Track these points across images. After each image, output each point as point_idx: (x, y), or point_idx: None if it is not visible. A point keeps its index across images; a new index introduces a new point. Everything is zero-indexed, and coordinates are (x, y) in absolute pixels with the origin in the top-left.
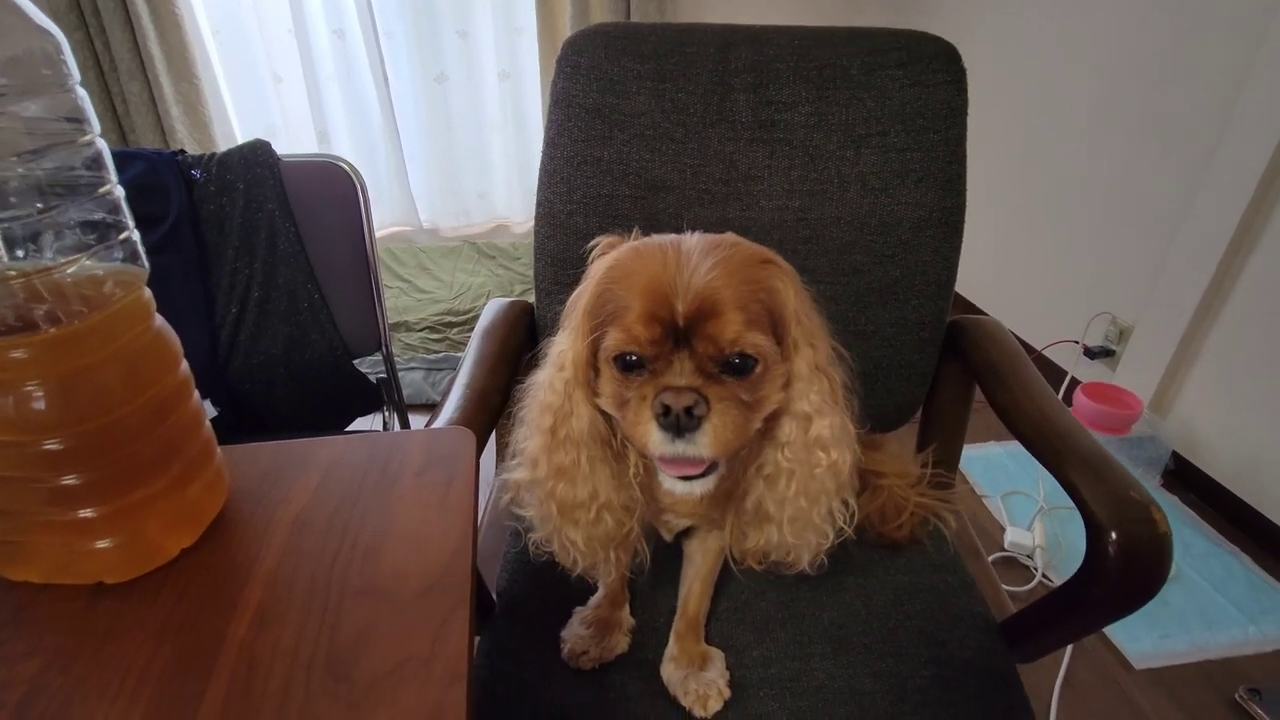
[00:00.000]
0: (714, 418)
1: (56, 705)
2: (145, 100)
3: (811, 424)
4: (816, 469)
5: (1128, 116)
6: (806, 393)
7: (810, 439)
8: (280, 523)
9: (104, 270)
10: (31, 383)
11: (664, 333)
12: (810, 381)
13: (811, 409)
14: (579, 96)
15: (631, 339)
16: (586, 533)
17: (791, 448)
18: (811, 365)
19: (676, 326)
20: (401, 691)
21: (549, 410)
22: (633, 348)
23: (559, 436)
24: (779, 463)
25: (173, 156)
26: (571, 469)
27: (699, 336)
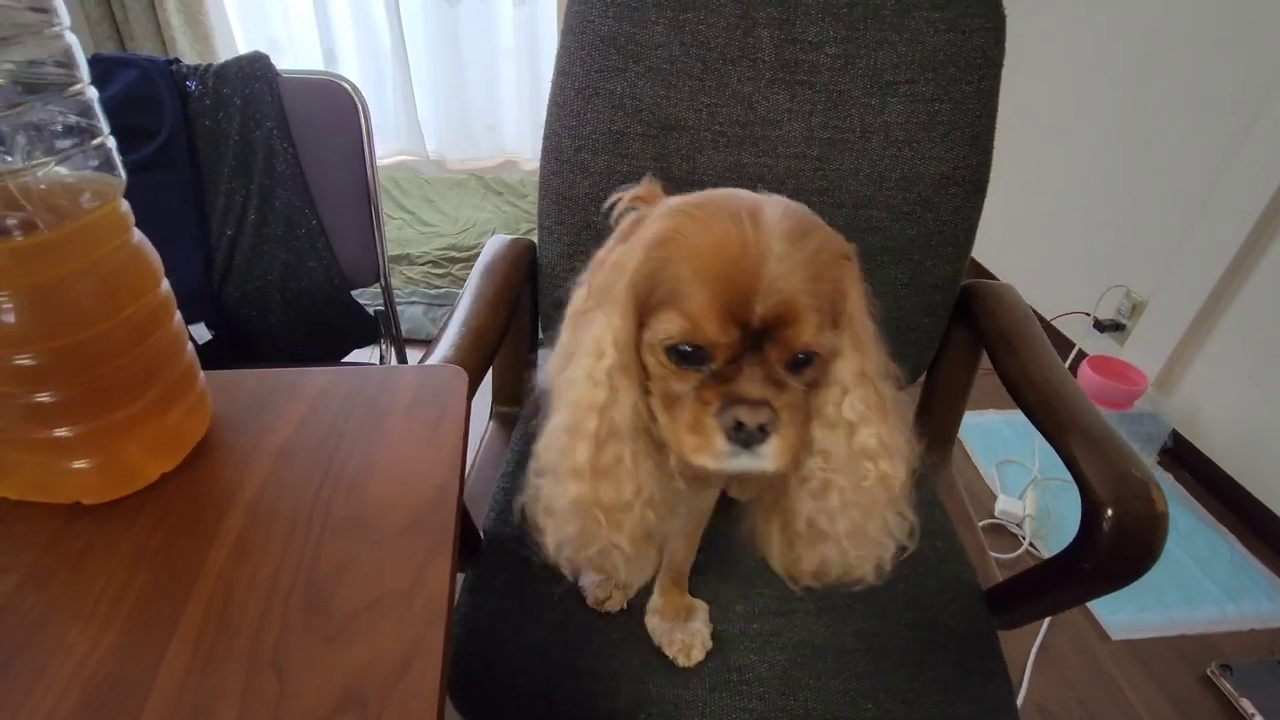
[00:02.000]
0: (782, 429)
1: (31, 623)
2: (145, 6)
3: (856, 433)
4: (864, 481)
5: (1164, 85)
6: (849, 398)
7: (855, 449)
8: (264, 452)
9: (78, 179)
10: (1, 294)
11: (740, 334)
12: (855, 387)
13: (856, 417)
14: (594, 22)
15: (699, 335)
16: (631, 535)
17: (831, 458)
18: (858, 371)
19: (750, 327)
20: (379, 627)
21: (593, 410)
22: (699, 341)
23: (601, 436)
24: (818, 474)
25: (167, 65)
26: (615, 467)
27: (774, 341)
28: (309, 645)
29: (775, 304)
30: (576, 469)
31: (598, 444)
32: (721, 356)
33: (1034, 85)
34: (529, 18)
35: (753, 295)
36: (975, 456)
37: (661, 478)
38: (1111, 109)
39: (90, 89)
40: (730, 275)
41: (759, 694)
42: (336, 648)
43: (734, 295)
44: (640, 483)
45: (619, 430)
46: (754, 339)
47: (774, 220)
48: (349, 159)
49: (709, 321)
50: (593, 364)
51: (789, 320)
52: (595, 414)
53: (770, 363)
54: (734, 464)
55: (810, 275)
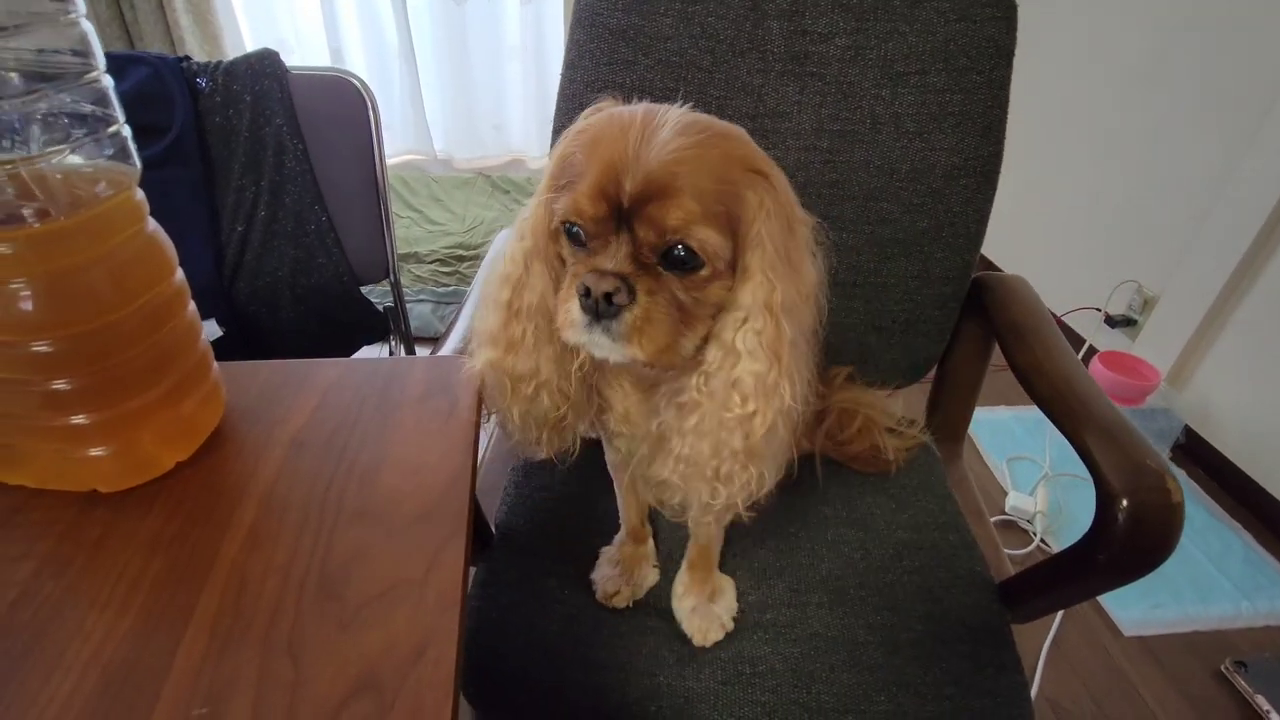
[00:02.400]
0: (636, 309)
1: (49, 609)
2: (154, 6)
3: (739, 363)
4: (727, 413)
5: (1177, 77)
6: (745, 328)
7: (731, 378)
8: (277, 442)
9: (94, 168)
10: (17, 280)
11: (609, 210)
12: (753, 317)
13: (744, 348)
14: (603, 15)
15: (576, 210)
16: (523, 409)
17: (710, 380)
18: (761, 301)
19: (621, 205)
20: (393, 614)
21: (508, 282)
22: (575, 220)
23: (514, 309)
24: (692, 392)
25: (178, 62)
26: (518, 342)
27: (640, 219)
28: (324, 632)
29: (643, 180)
30: (490, 335)
31: (509, 314)
32: (592, 232)
33: (1045, 77)
34: (535, 16)
35: (624, 172)
36: (986, 452)
37: (560, 369)
38: (1123, 101)
39: (106, 77)
40: (609, 157)
41: (771, 686)
42: (351, 634)
43: (609, 171)
44: (538, 364)
45: (527, 308)
46: (626, 219)
47: (672, 116)
48: (358, 155)
49: (584, 197)
50: (515, 244)
51: (657, 196)
52: (509, 286)
53: (640, 245)
54: (587, 339)
55: (693, 160)
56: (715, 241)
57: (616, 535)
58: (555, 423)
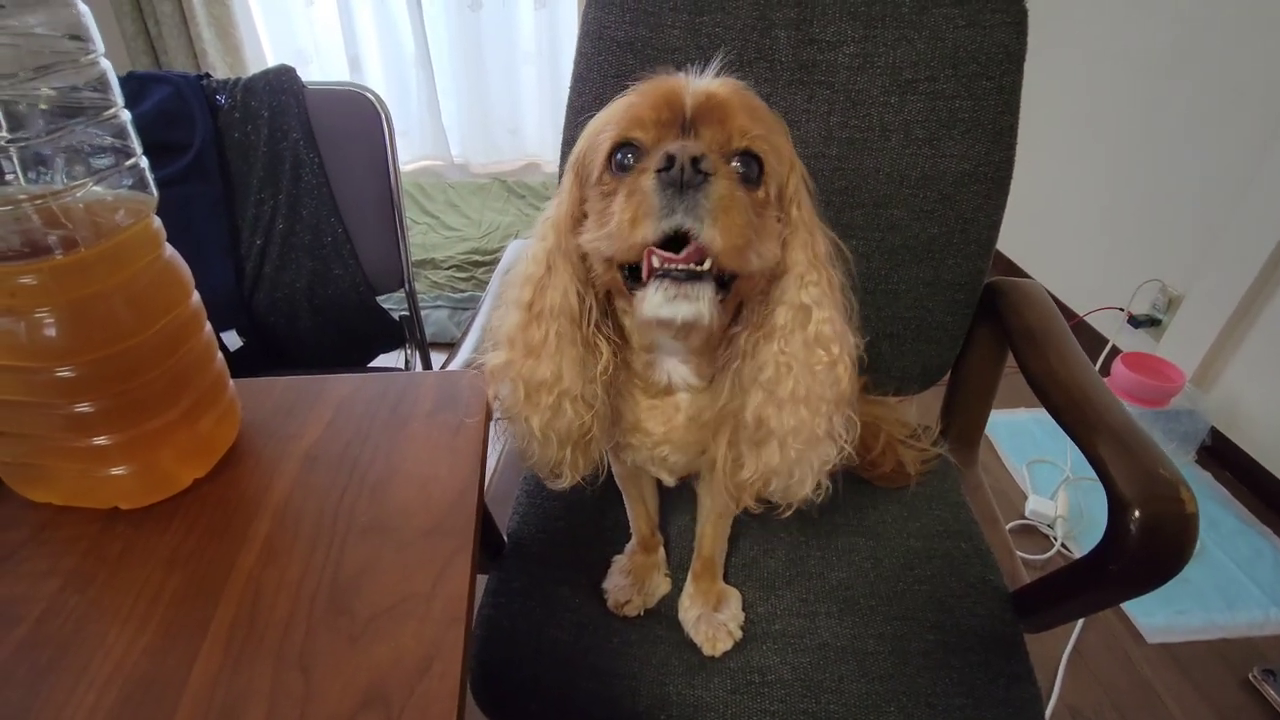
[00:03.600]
0: (720, 184)
1: (73, 623)
2: (177, 21)
3: (811, 316)
4: (817, 366)
5: (1199, 71)
6: (805, 283)
7: (810, 335)
8: (291, 457)
9: (114, 197)
10: (41, 309)
11: (672, 118)
12: (809, 271)
13: (810, 300)
14: (610, 28)
15: (636, 121)
16: (544, 419)
17: (790, 341)
18: (811, 255)
19: (684, 117)
20: (401, 627)
21: (529, 283)
22: (635, 133)
23: (534, 311)
24: (777, 359)
25: (198, 80)
26: (540, 345)
27: (706, 123)
28: (334, 645)
29: (705, 96)
30: (509, 336)
31: (529, 316)
32: (656, 138)
33: (1067, 72)
34: (549, 21)
35: (684, 93)
36: (1005, 456)
37: (583, 375)
38: (1144, 97)
39: (124, 112)
40: (664, 87)
41: (780, 696)
42: (360, 648)
43: (667, 95)
44: (561, 369)
45: (550, 309)
46: (689, 127)
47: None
48: (373, 167)
49: (643, 114)
50: (536, 245)
51: (719, 109)
52: (530, 286)
53: (706, 143)
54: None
55: (741, 95)
56: (774, 158)
57: (628, 544)
58: (579, 438)
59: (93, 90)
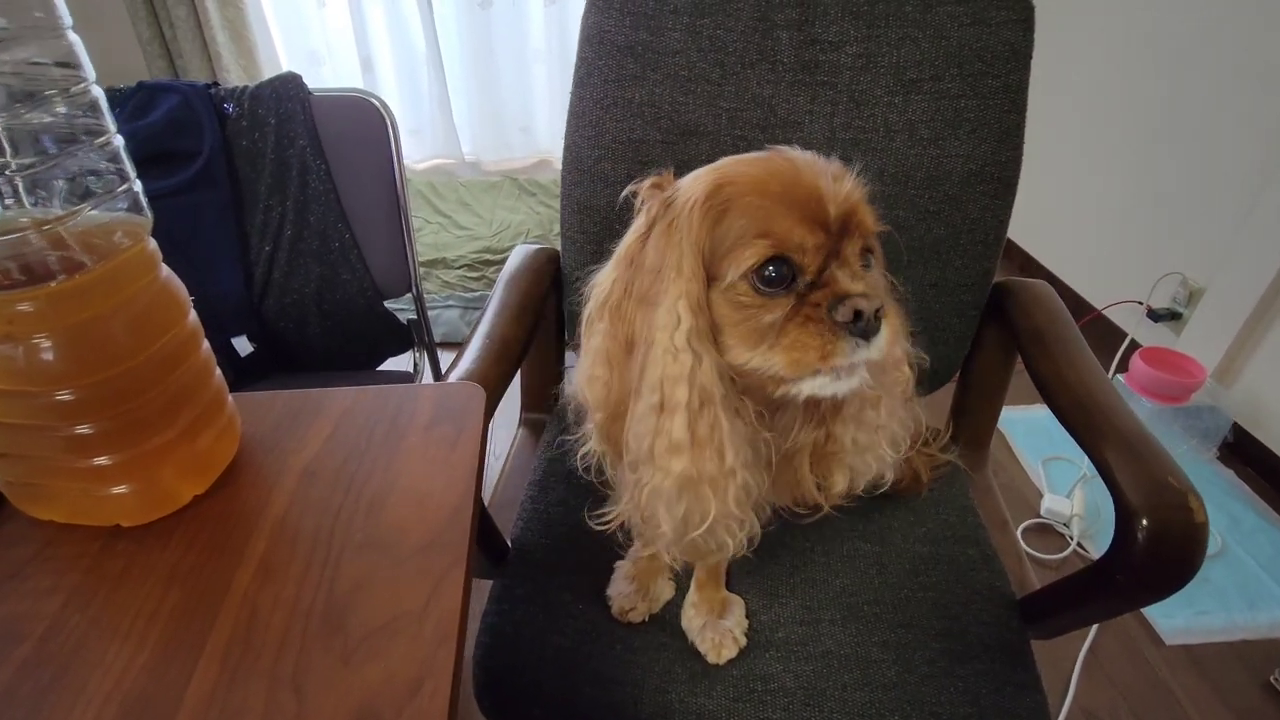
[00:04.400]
0: (889, 320)
1: (75, 641)
2: (192, 25)
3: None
4: (898, 388)
5: (1222, 57)
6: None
7: (889, 361)
8: (290, 472)
9: (110, 219)
10: (39, 335)
11: (824, 234)
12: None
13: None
14: (610, 32)
15: (789, 243)
16: (737, 499)
17: (876, 372)
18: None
19: (830, 228)
20: (393, 646)
21: (681, 380)
22: (790, 252)
23: (693, 406)
24: (864, 392)
25: (206, 89)
26: (713, 434)
27: (849, 236)
28: (327, 664)
29: (844, 201)
30: (675, 444)
31: (692, 414)
32: (813, 263)
33: (1083, 63)
34: (559, 17)
35: (824, 200)
36: (1021, 453)
37: (751, 436)
38: (1164, 86)
39: (117, 137)
40: (798, 191)
41: (783, 705)
42: (352, 667)
43: (808, 204)
44: (737, 446)
45: (710, 395)
46: (834, 240)
47: (798, 151)
48: (379, 173)
49: (796, 230)
50: (669, 336)
51: (857, 215)
52: (684, 383)
53: (850, 261)
54: (854, 358)
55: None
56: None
57: (631, 549)
58: (758, 499)
59: (86, 116)
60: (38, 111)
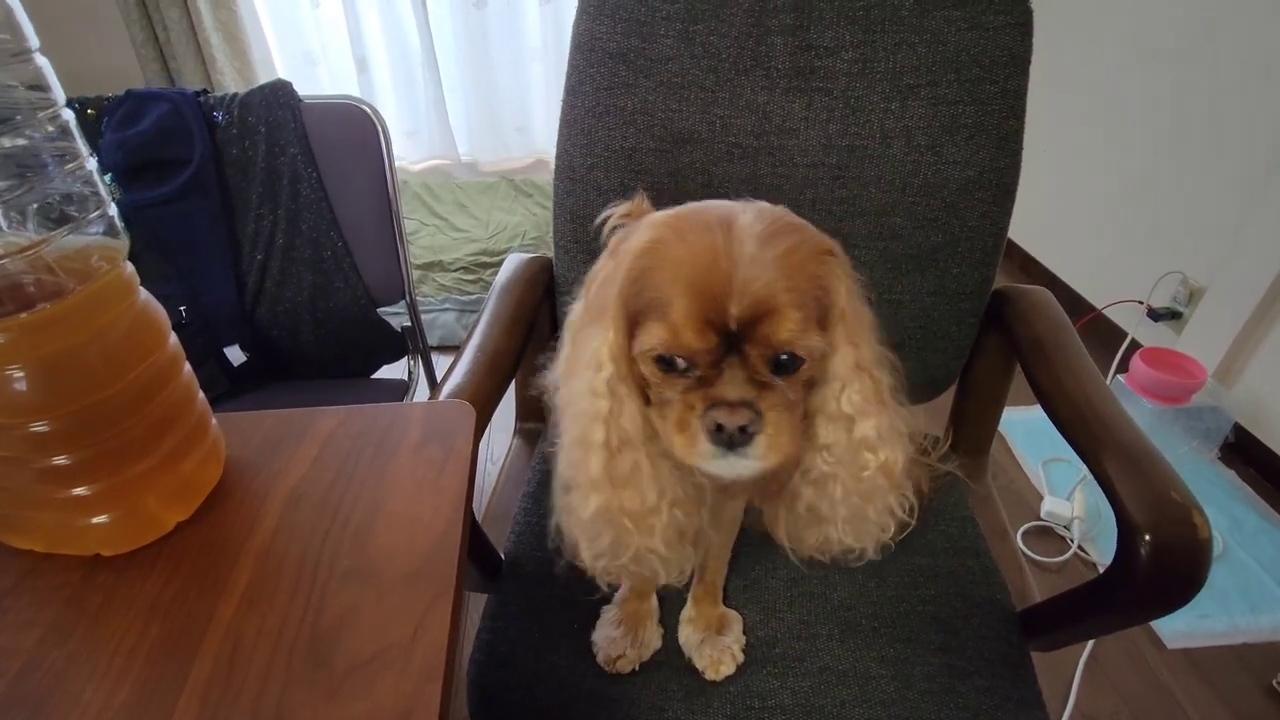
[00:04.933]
0: (767, 429)
1: (50, 679)
2: (185, 27)
3: (855, 425)
4: (865, 471)
5: (1224, 55)
6: (846, 392)
7: (855, 441)
8: (276, 495)
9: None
10: (12, 366)
11: (719, 339)
12: (850, 381)
13: (854, 410)
14: (602, 39)
15: (678, 344)
16: (664, 536)
17: (833, 450)
18: (852, 365)
19: (729, 330)
20: (379, 681)
21: (598, 420)
22: (678, 352)
23: (613, 446)
24: (821, 467)
25: (195, 96)
26: (633, 474)
27: (752, 340)
28: (311, 700)
29: (750, 305)
30: (593, 480)
31: (609, 453)
32: (703, 362)
33: (1083, 62)
34: (554, 17)
35: (727, 299)
36: (1021, 455)
37: (683, 476)
38: (1164, 83)
39: (90, 160)
40: (705, 281)
41: None
42: (338, 703)
43: (709, 301)
44: (662, 485)
45: (629, 438)
46: (733, 342)
47: (746, 225)
48: (371, 180)
49: (687, 330)
50: (592, 376)
51: (766, 319)
52: (601, 424)
53: (752, 364)
54: (721, 466)
55: (786, 274)
56: (817, 342)
57: (617, 593)
58: (694, 535)
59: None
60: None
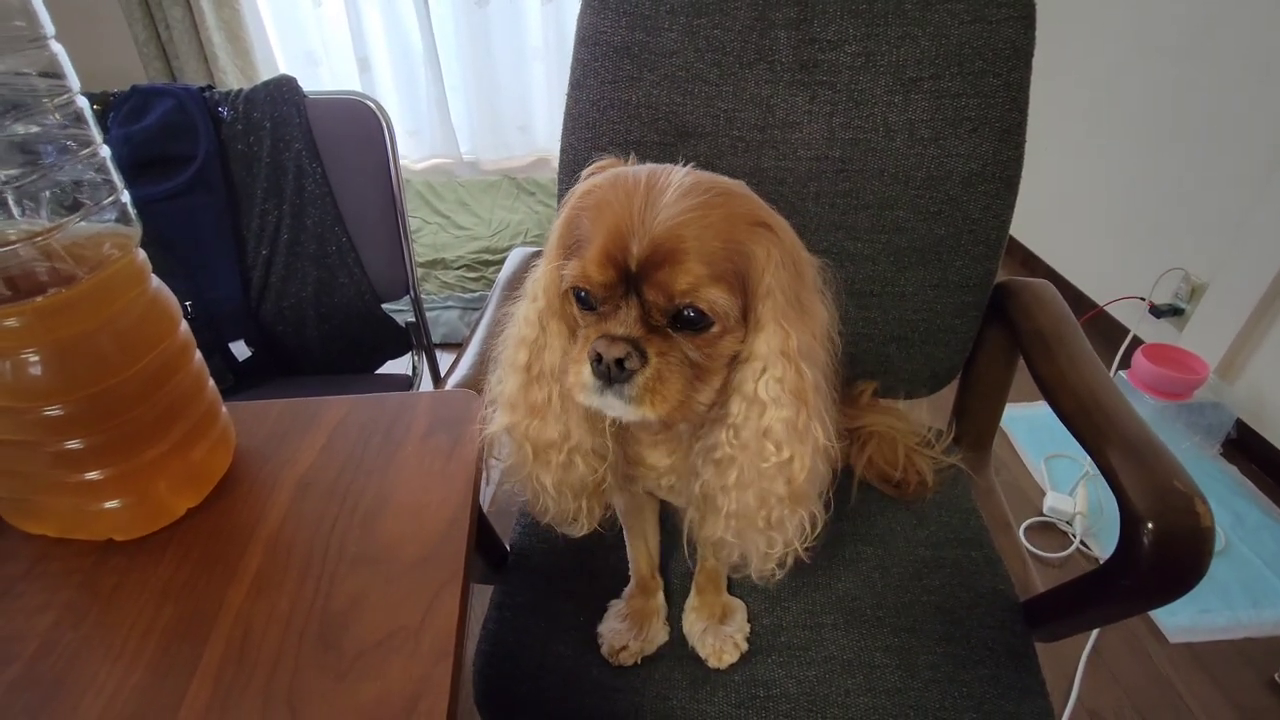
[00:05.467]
0: (648, 372)
1: (65, 660)
2: (188, 26)
3: (765, 412)
4: (763, 463)
5: (1227, 52)
6: (765, 377)
7: (761, 427)
8: (285, 483)
9: (99, 230)
10: (27, 350)
11: (618, 275)
12: (772, 365)
13: (768, 397)
14: (606, 33)
15: (584, 277)
16: (557, 477)
17: (740, 433)
18: (777, 350)
19: (629, 270)
20: (389, 664)
21: (524, 345)
22: (584, 285)
23: (533, 373)
24: (725, 447)
25: (200, 92)
26: (544, 406)
27: (649, 283)
28: (322, 683)
29: (650, 246)
30: (509, 399)
31: (529, 378)
32: (604, 298)
33: (1084, 59)
34: (556, 16)
35: (630, 238)
36: (1023, 451)
37: (592, 429)
38: (1166, 78)
39: (103, 148)
40: (616, 222)
41: (785, 711)
42: (347, 685)
43: (616, 239)
44: (569, 428)
45: (547, 370)
46: (634, 284)
47: (675, 181)
48: (376, 176)
49: (592, 265)
50: (528, 305)
51: (665, 261)
52: (525, 349)
53: (649, 308)
54: (599, 402)
55: (698, 228)
56: (724, 301)
57: (625, 588)
58: (595, 488)
59: (72, 127)
60: (23, 123)
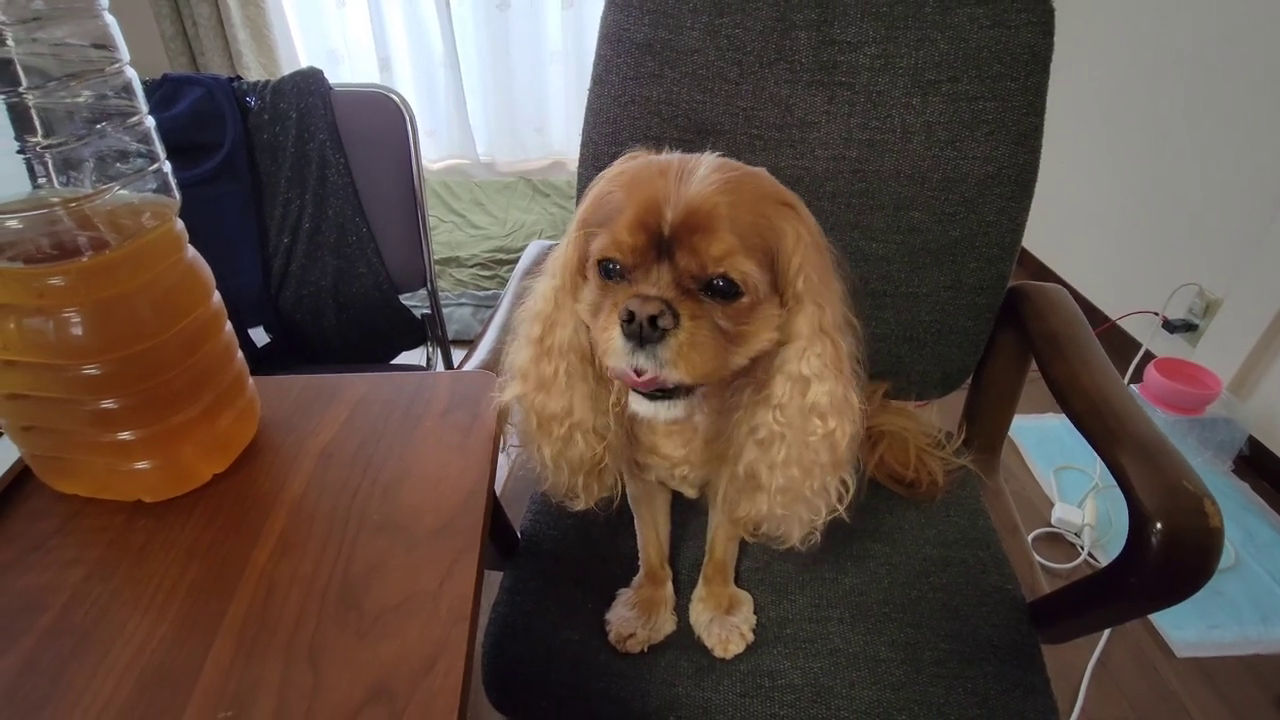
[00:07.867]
0: (681, 334)
1: (96, 611)
2: (214, 23)
3: (810, 388)
4: (811, 437)
5: (1238, 64)
6: (807, 354)
7: (807, 404)
8: (307, 454)
9: (139, 200)
10: (69, 309)
11: (649, 241)
12: (812, 343)
13: (811, 372)
14: (629, 30)
15: (615, 244)
16: (555, 450)
17: (785, 411)
18: (816, 326)
19: (662, 236)
20: (408, 624)
21: (539, 319)
22: (614, 253)
23: (545, 346)
24: (771, 425)
25: (229, 82)
26: (551, 380)
27: (682, 249)
28: (342, 640)
29: (684, 212)
30: (521, 369)
31: (539, 350)
32: (631, 264)
33: (1099, 70)
34: (575, 20)
35: (664, 205)
36: (1032, 462)
37: (595, 407)
38: (1181, 91)
39: (148, 118)
40: (652, 191)
41: (790, 701)
42: (368, 643)
43: (649, 207)
44: (572, 403)
45: (560, 346)
46: (667, 249)
47: (705, 161)
48: (397, 168)
49: (623, 231)
50: (547, 282)
51: (698, 229)
52: (540, 323)
53: (680, 271)
54: (632, 362)
55: (730, 196)
56: (755, 273)
57: (634, 577)
58: (592, 466)
59: (119, 97)
60: (71, 91)
